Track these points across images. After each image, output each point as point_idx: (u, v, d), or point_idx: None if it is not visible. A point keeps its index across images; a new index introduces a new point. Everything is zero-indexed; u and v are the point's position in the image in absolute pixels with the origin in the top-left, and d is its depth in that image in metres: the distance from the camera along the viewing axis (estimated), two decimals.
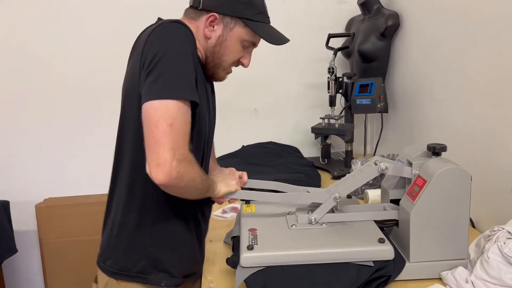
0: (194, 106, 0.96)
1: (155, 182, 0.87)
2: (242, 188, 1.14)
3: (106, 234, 1.10)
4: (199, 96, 0.96)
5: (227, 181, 1.11)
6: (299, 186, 1.19)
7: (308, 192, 1.14)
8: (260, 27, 1.08)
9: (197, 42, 1.03)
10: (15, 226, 2.06)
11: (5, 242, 1.95)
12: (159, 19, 1.10)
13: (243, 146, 2.11)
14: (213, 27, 1.06)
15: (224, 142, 2.09)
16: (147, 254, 1.05)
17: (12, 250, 1.99)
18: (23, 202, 2.14)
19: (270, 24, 1.13)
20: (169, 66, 0.92)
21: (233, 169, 1.23)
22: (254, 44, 1.12)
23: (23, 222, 2.16)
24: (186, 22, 1.05)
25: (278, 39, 1.11)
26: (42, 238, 2.07)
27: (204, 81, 1.08)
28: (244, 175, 1.20)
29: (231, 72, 1.16)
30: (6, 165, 2.14)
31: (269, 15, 1.12)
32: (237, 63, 1.14)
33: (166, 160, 0.86)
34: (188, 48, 0.95)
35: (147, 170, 0.88)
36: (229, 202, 1.16)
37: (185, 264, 1.10)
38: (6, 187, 2.13)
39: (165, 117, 0.88)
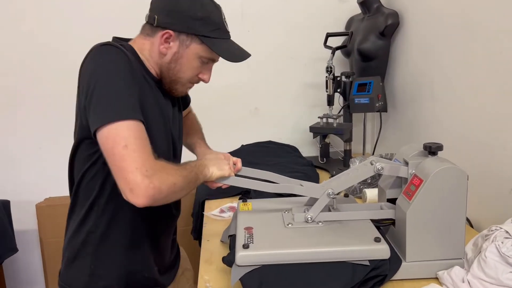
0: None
1: (137, 206, 0.87)
2: (236, 175, 1.14)
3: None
4: (146, 112, 0.96)
5: (220, 165, 1.09)
6: (292, 179, 1.19)
7: (302, 185, 1.14)
8: (218, 44, 1.06)
9: (150, 58, 1.06)
10: (16, 225, 2.07)
11: (5, 242, 1.96)
12: (114, 38, 1.09)
13: (242, 145, 2.11)
14: (169, 43, 1.04)
15: (224, 141, 2.10)
16: (89, 271, 1.06)
17: (13, 249, 2.00)
18: (23, 201, 2.15)
19: (230, 39, 1.11)
20: (105, 90, 0.91)
21: (228, 154, 1.22)
22: (214, 60, 1.11)
23: (23, 221, 2.17)
24: (142, 38, 1.07)
25: (236, 55, 1.09)
26: (43, 237, 2.08)
27: (157, 95, 1.08)
28: (239, 161, 1.20)
29: (191, 87, 1.14)
30: (7, 164, 2.15)
31: (229, 30, 1.11)
32: (196, 79, 1.12)
33: (136, 183, 0.85)
34: (121, 68, 0.94)
35: (125, 198, 0.87)
36: (222, 187, 1.13)
37: (133, 280, 1.10)
38: (6, 186, 2.14)
39: (116, 141, 0.87)
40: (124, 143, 0.86)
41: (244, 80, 2.16)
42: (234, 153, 2.03)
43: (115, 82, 0.92)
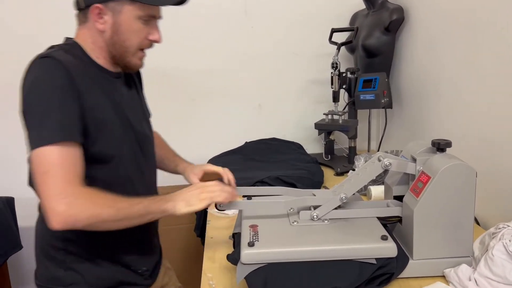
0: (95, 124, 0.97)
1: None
2: (245, 197, 1.15)
3: None
4: (97, 112, 0.97)
5: (190, 200, 0.99)
6: (304, 190, 1.18)
7: (314, 195, 1.13)
8: None
9: (94, 46, 1.04)
10: (20, 222, 2.07)
11: (10, 239, 1.96)
12: (65, 38, 1.09)
13: (246, 142, 2.10)
14: (103, 18, 1.02)
15: (227, 138, 2.09)
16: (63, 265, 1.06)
17: (17, 246, 2.00)
18: (27, 198, 2.14)
19: None
20: (35, 112, 0.91)
21: (216, 182, 1.08)
22: (155, 16, 1.06)
23: (28, 218, 2.16)
24: (80, 29, 1.06)
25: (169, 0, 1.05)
26: None
27: (107, 91, 1.05)
28: (228, 176, 1.23)
29: (144, 55, 1.11)
30: (11, 161, 2.14)
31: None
32: (148, 43, 1.08)
33: (53, 209, 0.86)
34: (55, 85, 0.92)
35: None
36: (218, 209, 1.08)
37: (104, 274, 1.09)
38: (10, 183, 2.13)
39: (38, 167, 0.88)
40: (44, 169, 0.88)
41: (247, 76, 2.14)
42: (237, 150, 2.04)
43: (45, 103, 0.91)
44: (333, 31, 1.97)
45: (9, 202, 2.00)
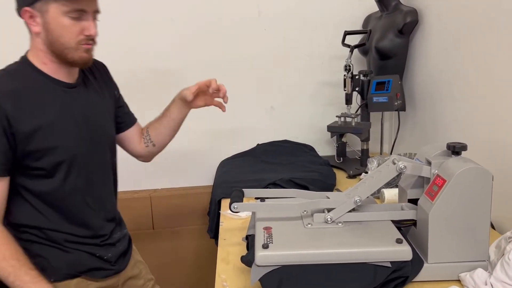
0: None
1: None
2: (258, 199, 1.17)
3: None
4: (38, 133, 1.05)
5: None
6: (317, 192, 1.18)
7: (328, 197, 1.13)
8: None
9: (40, 52, 1.09)
10: None
11: None
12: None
13: (257, 144, 2.11)
14: (34, 20, 1.06)
15: (239, 140, 2.10)
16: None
17: None
18: None
19: None
20: None
21: None
22: (82, 10, 1.07)
23: None
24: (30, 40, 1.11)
25: None
26: None
27: (59, 102, 1.11)
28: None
29: (89, 48, 1.12)
30: None
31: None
32: (84, 37, 1.09)
33: None
34: None
35: None
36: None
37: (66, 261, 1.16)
38: None
39: None
40: None
41: (260, 78, 2.15)
42: (249, 152, 2.04)
43: None
44: (346, 33, 1.96)
45: None
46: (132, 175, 1.89)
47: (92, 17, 1.10)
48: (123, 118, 1.38)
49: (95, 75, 1.27)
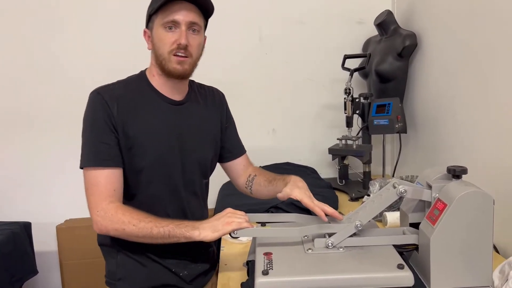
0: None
1: None
2: (259, 224, 1.17)
3: None
4: (138, 138, 1.13)
5: (216, 226, 1.06)
6: (318, 217, 1.17)
7: (329, 222, 1.12)
8: (159, 3, 1.11)
9: (153, 67, 1.20)
10: (36, 247, 2.09)
11: (26, 264, 1.97)
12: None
13: (260, 167, 2.10)
14: (148, 38, 1.19)
15: None
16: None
17: (33, 271, 2.02)
18: (44, 223, 2.17)
19: None
20: (83, 138, 1.14)
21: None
22: (174, 21, 1.12)
23: (44, 243, 2.19)
24: None
25: None
26: (62, 259, 2.10)
27: (160, 116, 1.18)
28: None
29: (181, 60, 1.14)
30: (28, 186, 2.18)
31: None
32: (175, 47, 1.13)
33: (92, 219, 1.10)
34: (96, 117, 1.12)
35: None
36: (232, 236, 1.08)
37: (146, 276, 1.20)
38: (27, 208, 2.17)
39: (84, 183, 1.12)
40: (86, 186, 1.12)
41: (261, 101, 2.17)
42: None
43: (89, 131, 1.13)
44: (346, 57, 1.99)
45: (26, 227, 2.03)
46: None
47: (186, 28, 1.14)
48: (228, 150, 1.42)
49: (207, 100, 1.32)
